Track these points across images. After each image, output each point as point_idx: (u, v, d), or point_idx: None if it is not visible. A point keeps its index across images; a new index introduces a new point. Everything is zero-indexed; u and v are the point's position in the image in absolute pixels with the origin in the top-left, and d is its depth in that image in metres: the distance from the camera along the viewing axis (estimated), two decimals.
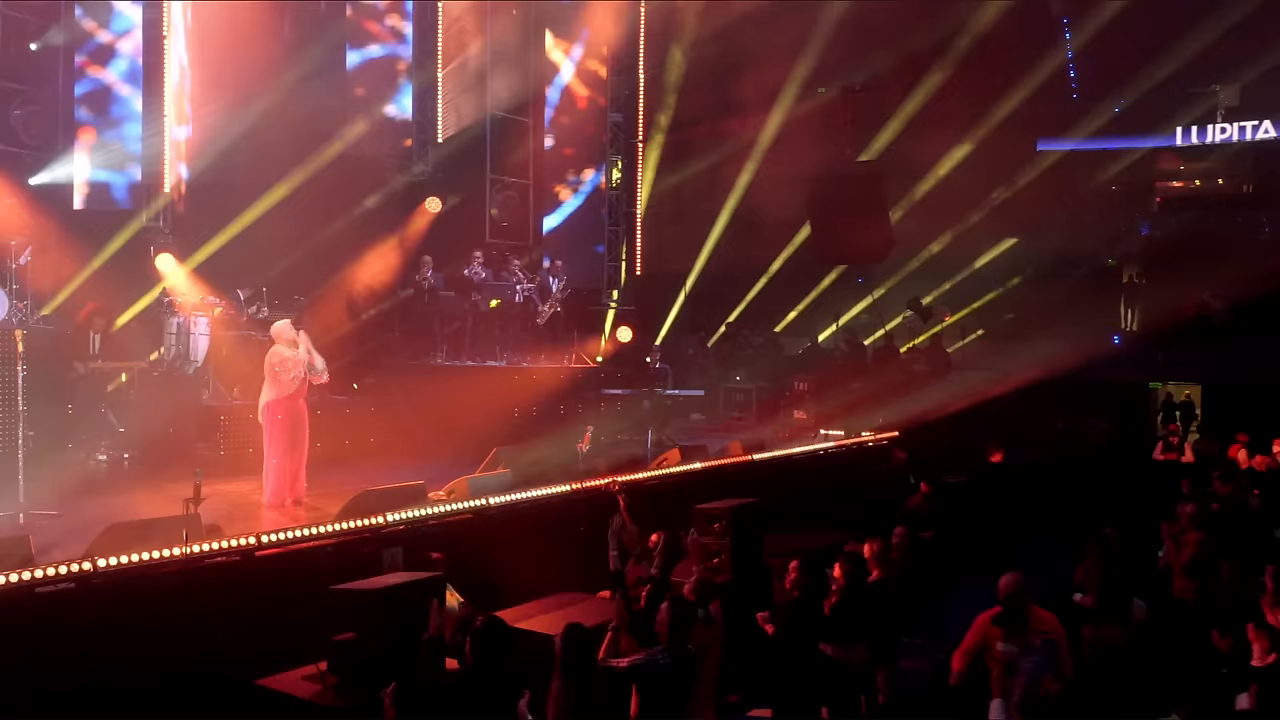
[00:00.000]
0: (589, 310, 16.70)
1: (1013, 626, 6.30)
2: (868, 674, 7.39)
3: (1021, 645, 6.20)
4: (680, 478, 10.32)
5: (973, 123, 21.71)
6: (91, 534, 6.98)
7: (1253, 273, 18.58)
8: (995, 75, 22.17)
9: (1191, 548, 8.71)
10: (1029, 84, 22.71)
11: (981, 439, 14.63)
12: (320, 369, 9.72)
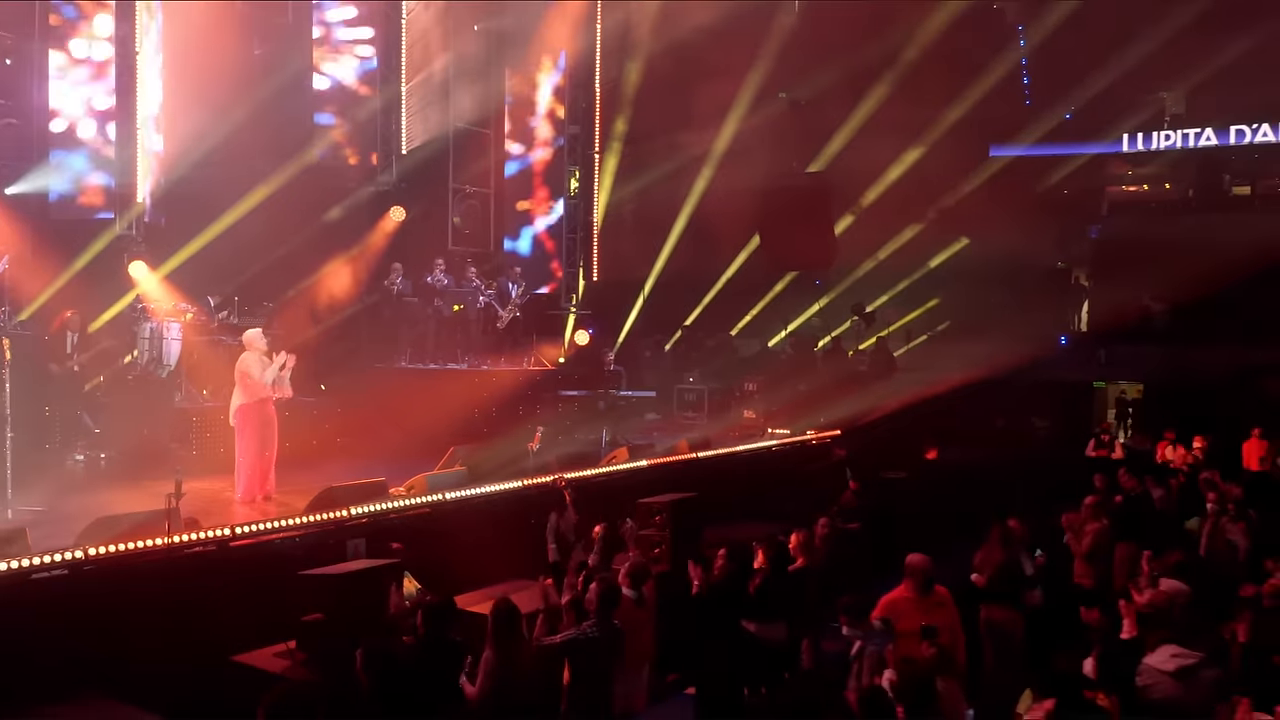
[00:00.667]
0: (548, 315, 17.50)
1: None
2: (789, 652, 8.27)
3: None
4: (627, 474, 11.16)
5: (924, 128, 22.62)
6: (75, 528, 7.73)
7: (1193, 276, 19.50)
8: (948, 81, 23.08)
9: (1090, 537, 9.68)
10: (982, 90, 23.66)
11: (919, 437, 15.61)
12: (285, 384, 10.47)
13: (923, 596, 7.16)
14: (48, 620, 6.79)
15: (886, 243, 22.13)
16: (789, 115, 19.97)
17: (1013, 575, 8.40)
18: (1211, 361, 19.46)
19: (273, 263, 14.59)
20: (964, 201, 24.40)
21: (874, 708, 5.01)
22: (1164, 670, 5.86)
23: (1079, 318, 24.81)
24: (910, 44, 21.60)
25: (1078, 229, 26.49)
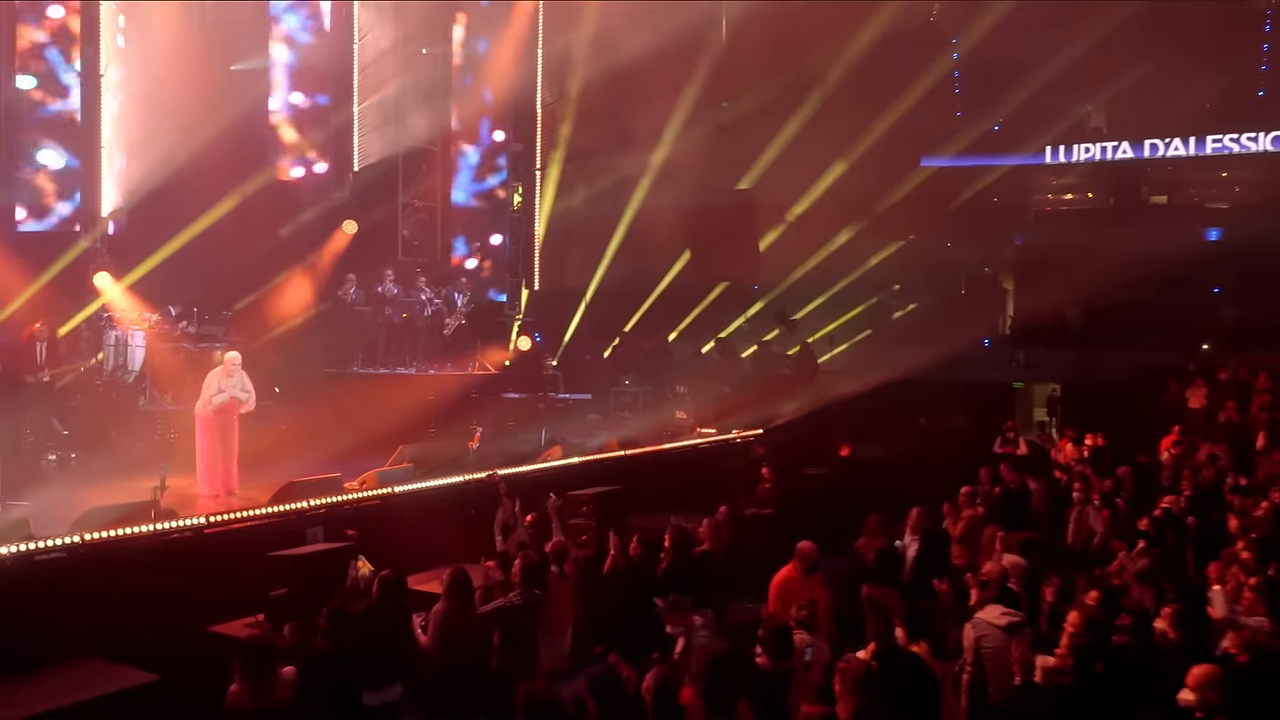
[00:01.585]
0: (493, 322, 18.81)
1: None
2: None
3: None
4: (559, 470, 12.54)
5: (857, 139, 24.05)
6: (60, 520, 8.94)
7: (1109, 283, 21.09)
8: (882, 92, 24.52)
9: (964, 523, 11.16)
10: (915, 100, 25.19)
11: (836, 436, 17.11)
12: (247, 399, 11.73)
13: (806, 575, 8.62)
14: (51, 595, 8.04)
15: (819, 249, 23.55)
16: (719, 134, 21.37)
17: (889, 558, 9.85)
18: (1119, 363, 21.09)
19: (232, 273, 15.80)
20: (895, 210, 26.00)
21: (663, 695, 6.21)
22: (995, 624, 7.31)
23: (1003, 321, 26.49)
24: (842, 59, 23.01)
25: (1004, 236, 28.22)
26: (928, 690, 6.41)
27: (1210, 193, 28.14)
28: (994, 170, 27.91)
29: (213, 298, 15.88)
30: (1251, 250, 23.03)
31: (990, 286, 27.10)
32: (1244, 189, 27.31)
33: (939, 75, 26.93)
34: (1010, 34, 25.34)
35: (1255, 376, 19.17)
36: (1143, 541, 9.85)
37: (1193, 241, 24.77)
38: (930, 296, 25.35)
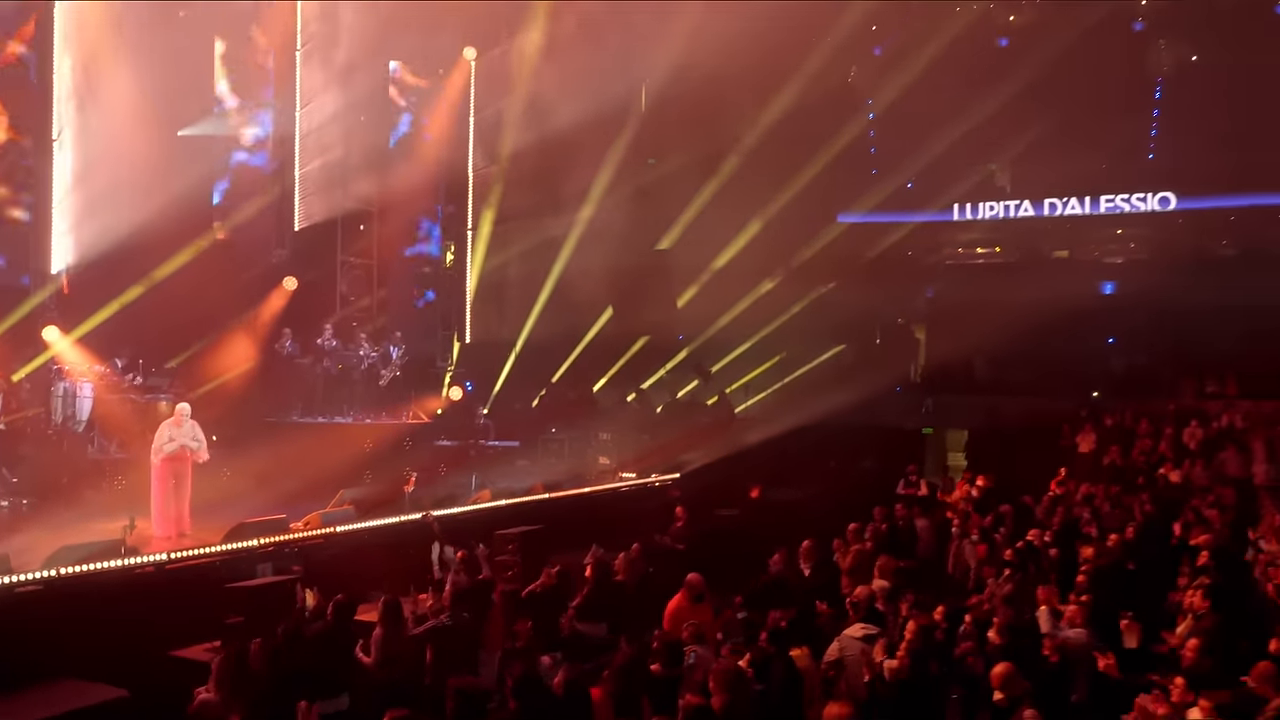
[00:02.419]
0: (426, 373, 20.07)
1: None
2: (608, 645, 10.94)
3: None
4: (488, 511, 13.81)
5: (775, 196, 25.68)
6: (23, 559, 10.00)
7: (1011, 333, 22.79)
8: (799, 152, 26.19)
9: (852, 556, 12.61)
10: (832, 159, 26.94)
11: (750, 479, 18.57)
12: (199, 448, 12.86)
13: (694, 603, 10.02)
14: (30, 624, 9.13)
15: (740, 302, 25.09)
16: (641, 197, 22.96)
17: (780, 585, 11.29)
18: (1021, 409, 22.80)
19: (177, 327, 16.93)
20: (812, 263, 27.67)
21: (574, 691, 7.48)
22: (855, 637, 8.74)
23: (915, 369, 28.21)
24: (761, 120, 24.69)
25: (917, 288, 30.06)
26: (793, 686, 7.82)
27: (1108, 248, 30.18)
28: (907, 225, 29.84)
29: (158, 350, 16.97)
30: (1142, 304, 25.05)
31: (903, 336, 28.81)
32: (1137, 245, 29.40)
33: (855, 135, 28.90)
34: (922, 96, 27.35)
35: (1138, 422, 21.04)
36: (1008, 570, 11.38)
37: (1090, 295, 26.80)
38: (846, 346, 26.99)
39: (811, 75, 25.30)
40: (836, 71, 29.13)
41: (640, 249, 23.10)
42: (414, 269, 21.57)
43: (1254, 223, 27.60)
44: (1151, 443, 20.31)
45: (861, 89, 31.45)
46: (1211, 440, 19.90)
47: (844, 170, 28.12)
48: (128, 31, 16.23)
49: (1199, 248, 27.70)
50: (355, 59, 18.71)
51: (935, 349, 27.87)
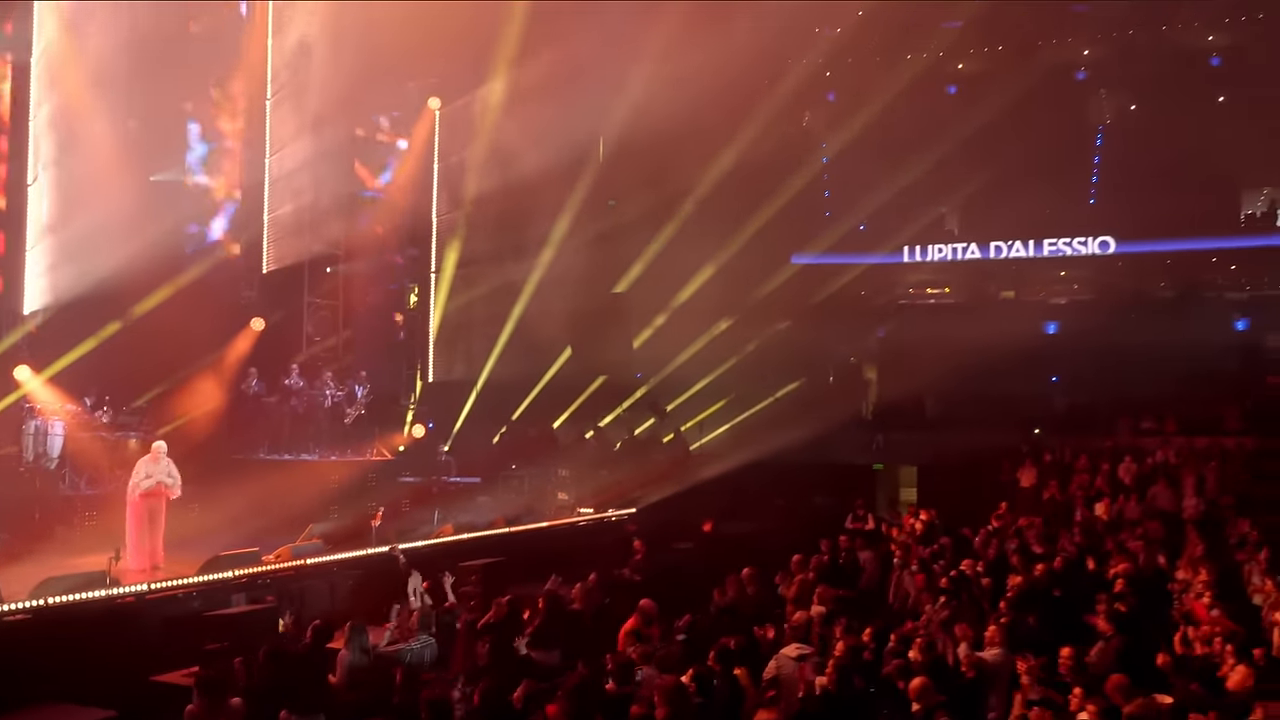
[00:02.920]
0: (390, 411, 20.83)
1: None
2: (561, 670, 11.72)
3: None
4: (452, 544, 14.57)
5: (731, 238, 26.72)
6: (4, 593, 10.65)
7: (961, 371, 23.76)
8: (755, 194, 27.25)
9: (795, 585, 13.48)
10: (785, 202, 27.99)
11: (704, 514, 19.42)
12: (173, 484, 13.55)
13: (645, 628, 10.84)
14: (20, 650, 9.80)
15: (696, 341, 26.01)
16: (599, 242, 23.94)
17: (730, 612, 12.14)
18: (968, 446, 23.74)
19: (147, 366, 17.61)
20: (767, 303, 28.68)
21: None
22: (790, 656, 9.60)
23: (866, 407, 29.18)
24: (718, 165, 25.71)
25: (869, 328, 31.13)
26: (733, 701, 8.66)
27: (1052, 290, 31.50)
28: (859, 266, 30.96)
29: (128, 389, 17.62)
30: (1083, 344, 26.20)
31: (855, 374, 29.81)
32: (1080, 286, 30.74)
33: (809, 178, 30.04)
34: (874, 141, 28.54)
35: (1076, 458, 22.11)
36: (943, 597, 12.29)
37: (1034, 335, 27.89)
38: (800, 384, 27.91)
39: (766, 121, 26.46)
40: (791, 117, 30.35)
41: (598, 291, 24.02)
42: (378, 310, 22.36)
43: (1190, 266, 28.98)
44: (1088, 478, 21.35)
45: (815, 133, 32.74)
46: (1145, 475, 20.98)
47: (798, 212, 29.22)
48: (105, 78, 16.94)
49: (1138, 290, 29.08)
50: (324, 108, 19.55)
51: (886, 387, 28.77)
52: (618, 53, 21.61)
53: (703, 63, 21.86)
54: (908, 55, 31.80)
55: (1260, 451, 21.53)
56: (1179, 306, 27.91)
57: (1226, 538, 17.19)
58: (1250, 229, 28.93)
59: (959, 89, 33.38)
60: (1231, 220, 29.12)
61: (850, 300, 31.13)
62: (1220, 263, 29.38)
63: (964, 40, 32.29)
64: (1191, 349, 24.20)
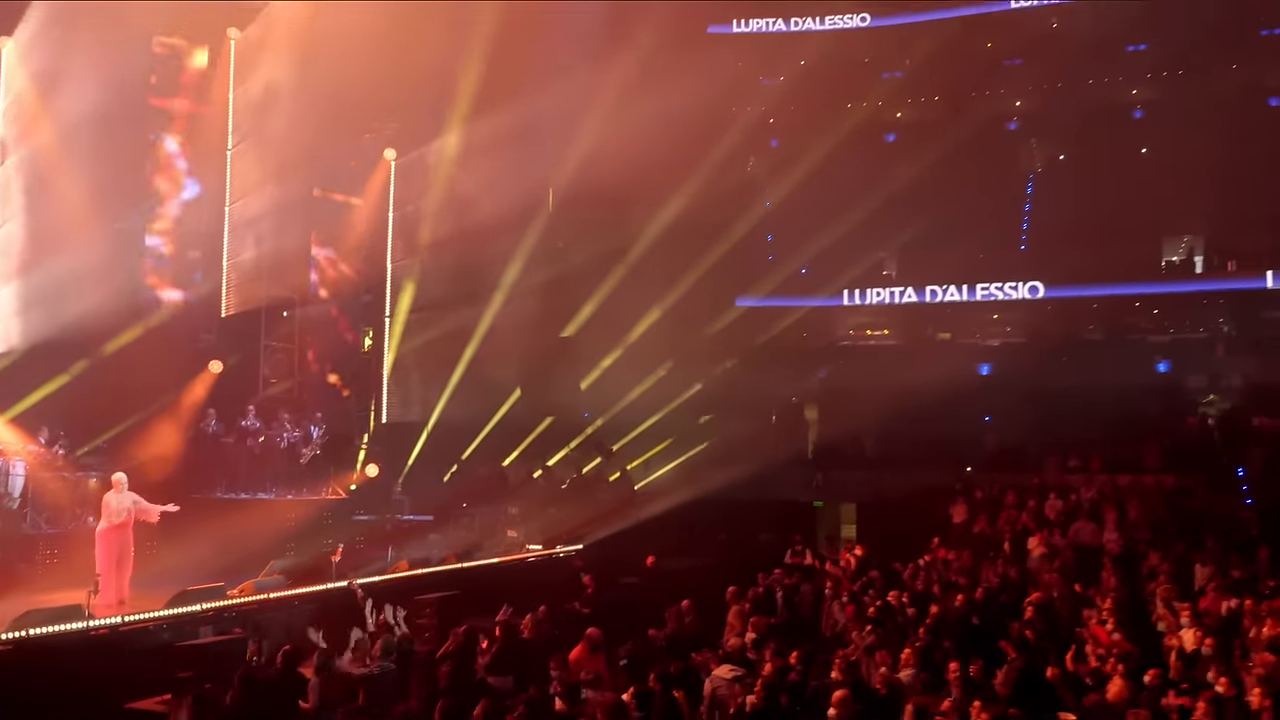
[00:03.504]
0: (345, 451, 21.66)
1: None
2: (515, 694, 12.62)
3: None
4: (407, 580, 15.45)
5: (677, 281, 27.85)
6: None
7: (898, 411, 24.92)
8: (701, 237, 28.45)
9: (731, 614, 14.52)
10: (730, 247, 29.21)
11: (649, 550, 20.36)
12: (148, 507, 14.35)
13: (591, 654, 11.82)
14: (2, 679, 10.57)
15: (643, 382, 27.05)
16: (549, 287, 25.03)
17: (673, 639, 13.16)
18: (904, 483, 24.89)
19: (106, 407, 18.33)
20: (712, 344, 29.82)
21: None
22: (724, 677, 10.61)
23: (807, 446, 30.30)
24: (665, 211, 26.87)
25: (810, 369, 32.32)
26: (671, 716, 9.66)
27: (987, 331, 32.94)
28: (801, 309, 32.16)
29: (89, 429, 18.32)
30: (1014, 384, 27.47)
31: (797, 414, 30.93)
32: (1012, 329, 32.22)
33: (753, 223, 31.30)
34: (815, 187, 29.87)
35: (1004, 494, 23.34)
36: (869, 626, 13.37)
37: (968, 375, 29.16)
38: (743, 423, 28.95)
39: (712, 167, 27.69)
40: (736, 163, 31.61)
41: (548, 334, 25.05)
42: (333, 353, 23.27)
43: (1115, 311, 30.54)
44: (1016, 513, 22.54)
45: (759, 179, 34.05)
46: (1070, 511, 22.20)
47: (743, 256, 30.47)
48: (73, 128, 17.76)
49: (1067, 333, 30.52)
50: (283, 158, 20.47)
51: (827, 426, 29.82)
52: (568, 105, 22.80)
53: (651, 111, 23.09)
54: (848, 104, 33.31)
55: (1178, 488, 22.83)
56: (1105, 349, 29.48)
57: (1141, 570, 18.44)
58: (1171, 275, 30.54)
59: (897, 137, 35.01)
60: (1154, 267, 30.67)
61: (792, 342, 32.26)
62: (1143, 307, 30.96)
63: (902, 90, 34.01)
64: (1116, 390, 25.62)
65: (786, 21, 33.11)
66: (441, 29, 20.08)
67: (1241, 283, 28.51)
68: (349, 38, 19.47)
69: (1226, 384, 27.71)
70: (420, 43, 19.58)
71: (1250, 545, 19.26)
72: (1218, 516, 21.23)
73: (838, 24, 32.66)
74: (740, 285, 31.35)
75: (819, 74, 31.45)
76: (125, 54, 18.54)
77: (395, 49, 19.29)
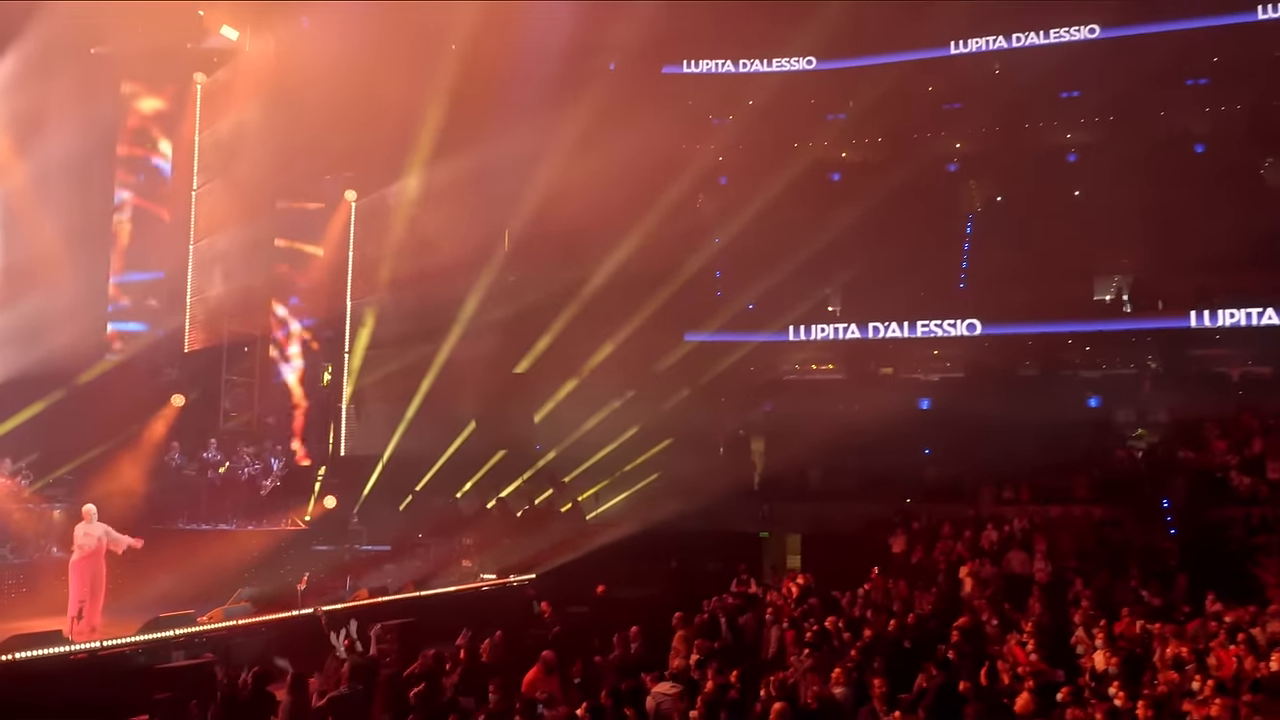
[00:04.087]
0: (303, 483, 22.43)
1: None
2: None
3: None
4: (368, 607, 16.29)
5: (629, 318, 28.86)
6: None
7: (842, 444, 26.07)
8: (651, 275, 29.48)
9: (677, 638, 15.50)
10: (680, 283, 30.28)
11: (598, 579, 21.30)
12: (118, 539, 15.12)
13: (546, 675, 12.78)
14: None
15: (594, 415, 28.01)
16: (503, 324, 26.05)
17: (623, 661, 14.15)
18: (847, 514, 26.05)
19: (71, 440, 19.07)
20: (661, 379, 30.82)
21: None
22: (666, 694, 11.62)
23: (754, 477, 31.34)
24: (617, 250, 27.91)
25: (756, 402, 33.44)
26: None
27: (928, 366, 34.27)
28: (748, 344, 33.26)
29: (52, 460, 19.03)
30: (953, 418, 28.65)
31: (744, 447, 31.98)
32: (952, 364, 33.57)
33: (703, 259, 32.40)
34: (762, 224, 31.04)
35: (941, 525, 24.53)
36: (807, 649, 14.42)
37: (909, 410, 30.41)
38: (691, 456, 29.93)
39: (663, 206, 28.78)
40: (686, 201, 32.71)
41: (502, 369, 26.01)
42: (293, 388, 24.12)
43: (1049, 347, 31.92)
44: (952, 544, 23.73)
45: (708, 215, 35.21)
46: (1003, 541, 23.43)
47: (692, 292, 31.50)
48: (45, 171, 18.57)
49: (1004, 368, 31.91)
50: (247, 199, 21.38)
51: (773, 458, 30.89)
52: (524, 148, 23.88)
53: (604, 151, 24.17)
54: (795, 144, 34.62)
55: (1105, 519, 24.11)
56: (1039, 385, 30.85)
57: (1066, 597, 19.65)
58: (1102, 314, 31.98)
59: (842, 177, 36.38)
60: (1086, 306, 32.11)
61: (739, 376, 33.27)
62: (1076, 345, 32.34)
63: (847, 131, 35.43)
64: (1049, 424, 26.85)
65: (735, 63, 34.27)
66: (402, 76, 21.14)
67: (1168, 322, 29.91)
68: (312, 84, 20.50)
69: (1154, 419, 28.99)
70: (381, 89, 20.62)
71: (1170, 574, 20.62)
72: (1142, 547, 22.49)
73: (785, 66, 33.83)
74: (689, 321, 32.13)
75: (767, 114, 32.74)
76: (98, 100, 19.39)
77: (357, 95, 20.33)
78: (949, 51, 32.60)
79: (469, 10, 22.44)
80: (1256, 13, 29.42)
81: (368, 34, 20.67)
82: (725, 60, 34.12)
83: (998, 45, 32.04)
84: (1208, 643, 14.30)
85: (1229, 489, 24.43)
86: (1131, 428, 29.14)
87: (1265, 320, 28.03)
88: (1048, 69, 31.21)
